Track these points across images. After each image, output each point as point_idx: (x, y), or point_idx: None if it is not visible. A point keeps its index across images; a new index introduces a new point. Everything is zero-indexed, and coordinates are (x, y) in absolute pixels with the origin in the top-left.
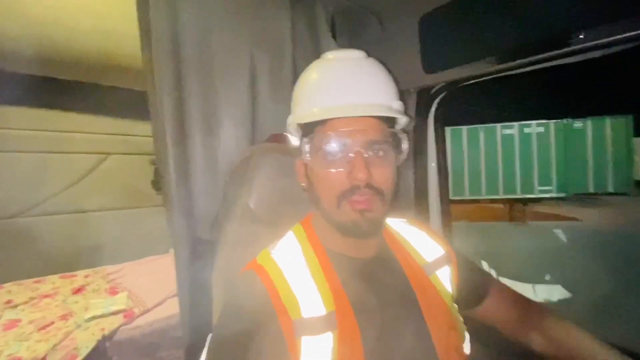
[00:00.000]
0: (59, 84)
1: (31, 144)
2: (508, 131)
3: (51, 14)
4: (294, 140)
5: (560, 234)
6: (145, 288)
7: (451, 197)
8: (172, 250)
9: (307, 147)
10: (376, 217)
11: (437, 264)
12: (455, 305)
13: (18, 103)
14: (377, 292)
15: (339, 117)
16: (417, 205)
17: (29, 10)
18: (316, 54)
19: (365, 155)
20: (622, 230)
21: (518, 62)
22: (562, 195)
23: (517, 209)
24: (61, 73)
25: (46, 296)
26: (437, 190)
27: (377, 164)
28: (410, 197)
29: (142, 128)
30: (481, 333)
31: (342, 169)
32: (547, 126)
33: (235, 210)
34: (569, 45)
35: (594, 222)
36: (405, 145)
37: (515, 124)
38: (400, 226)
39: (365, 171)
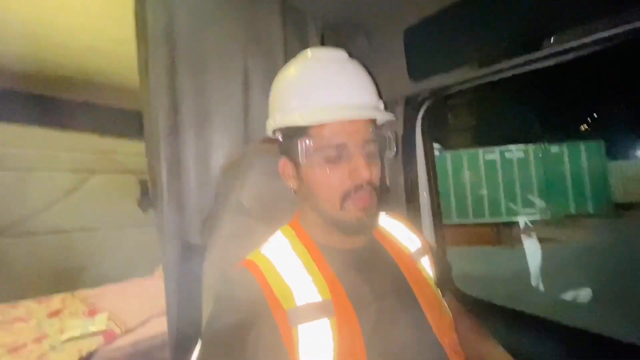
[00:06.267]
0: (41, 100)
1: (10, 162)
2: (490, 156)
3: (37, 30)
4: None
5: (545, 255)
6: (127, 310)
7: None
8: (156, 272)
9: (303, 149)
10: (375, 212)
11: (419, 253)
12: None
13: None
14: (370, 279)
15: (340, 119)
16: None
17: (13, 24)
18: None
19: (365, 154)
20: (603, 249)
21: (497, 67)
22: (545, 218)
23: (503, 232)
24: (45, 89)
25: (19, 320)
26: (429, 201)
27: (372, 162)
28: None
29: (128, 146)
30: None
31: (343, 169)
32: (526, 151)
33: (227, 207)
34: (544, 47)
35: (576, 243)
36: (393, 143)
37: (497, 149)
38: (382, 219)
39: (369, 170)
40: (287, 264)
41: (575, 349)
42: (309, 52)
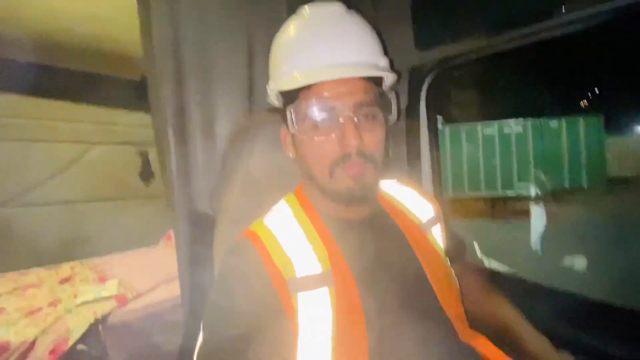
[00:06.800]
0: (41, 70)
1: (11, 132)
2: (489, 130)
3: None
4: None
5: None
6: (136, 276)
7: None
8: (161, 241)
9: (292, 116)
10: (370, 183)
11: (431, 222)
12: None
13: None
14: (374, 250)
15: (324, 81)
16: None
17: None
18: None
19: (356, 120)
20: (596, 223)
21: (506, 36)
22: (539, 192)
23: (498, 206)
24: (44, 58)
25: (31, 286)
26: (431, 175)
27: (368, 128)
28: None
29: (129, 118)
30: None
31: (332, 136)
32: (525, 126)
33: (234, 180)
34: (554, 16)
35: (570, 216)
36: (394, 105)
37: (495, 123)
38: (392, 187)
39: (357, 137)
40: (288, 234)
41: (562, 310)
42: (305, 9)
